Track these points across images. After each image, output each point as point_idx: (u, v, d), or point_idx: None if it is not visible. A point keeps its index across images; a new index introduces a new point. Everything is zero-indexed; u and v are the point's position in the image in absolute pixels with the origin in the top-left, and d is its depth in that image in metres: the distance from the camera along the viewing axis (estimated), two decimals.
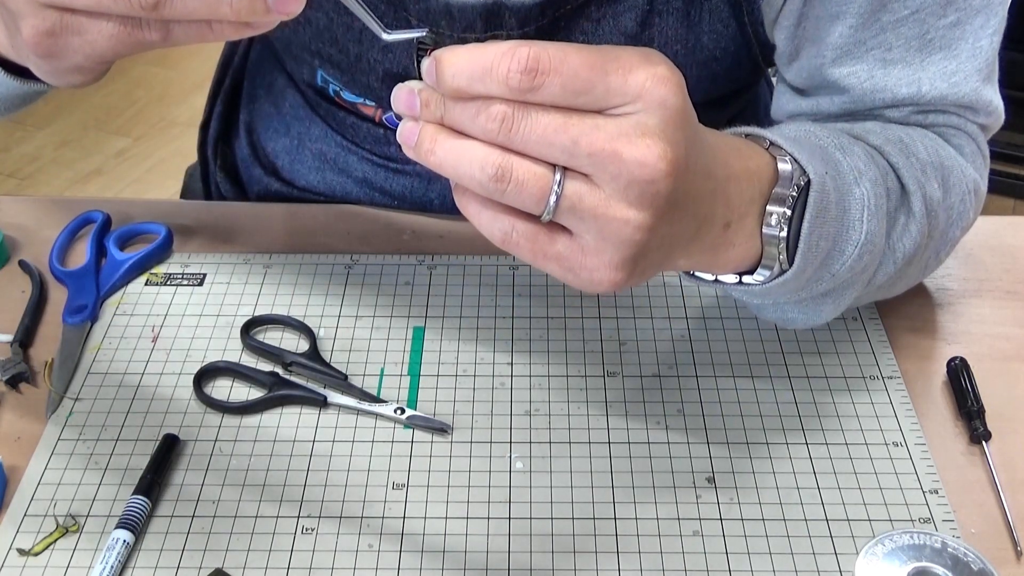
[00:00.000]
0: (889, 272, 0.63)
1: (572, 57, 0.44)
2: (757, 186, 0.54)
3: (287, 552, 0.57)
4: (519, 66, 0.43)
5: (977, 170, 0.69)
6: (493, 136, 0.45)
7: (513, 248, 0.48)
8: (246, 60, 0.95)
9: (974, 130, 0.70)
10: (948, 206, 0.65)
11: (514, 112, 0.44)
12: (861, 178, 0.59)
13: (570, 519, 0.59)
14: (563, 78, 0.44)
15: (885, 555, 0.51)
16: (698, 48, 0.72)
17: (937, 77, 0.66)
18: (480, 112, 0.45)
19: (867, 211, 0.58)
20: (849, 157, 0.59)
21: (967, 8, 0.65)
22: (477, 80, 0.44)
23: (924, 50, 0.66)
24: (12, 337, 0.70)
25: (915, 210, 0.62)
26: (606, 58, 0.45)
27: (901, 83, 0.66)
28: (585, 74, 0.44)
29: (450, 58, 0.45)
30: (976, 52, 0.66)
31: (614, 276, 0.48)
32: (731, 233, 0.53)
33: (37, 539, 0.58)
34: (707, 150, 0.50)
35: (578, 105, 0.45)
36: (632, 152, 0.44)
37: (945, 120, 0.68)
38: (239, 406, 0.66)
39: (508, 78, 0.44)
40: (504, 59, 0.44)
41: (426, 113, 0.47)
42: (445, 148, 0.46)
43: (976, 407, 0.65)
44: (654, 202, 0.46)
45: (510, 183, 0.45)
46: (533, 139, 0.44)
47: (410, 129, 0.47)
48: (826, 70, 0.67)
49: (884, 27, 0.65)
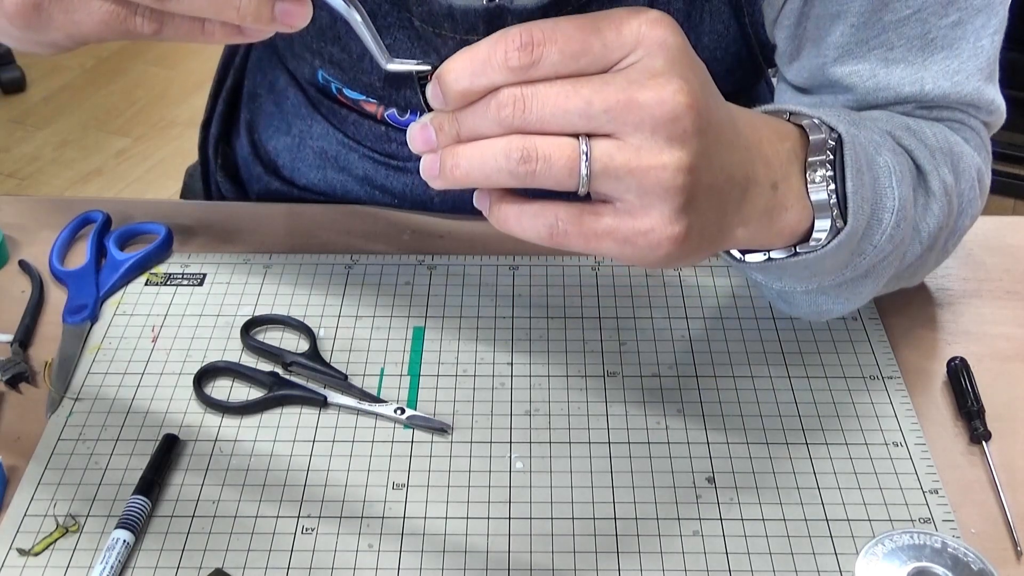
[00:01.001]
0: (916, 252, 0.63)
1: (563, 23, 0.45)
2: (790, 144, 0.54)
3: (287, 552, 0.57)
4: (514, 44, 0.44)
5: (982, 159, 0.69)
6: (508, 122, 0.45)
7: (562, 239, 0.47)
8: (247, 59, 0.95)
9: (977, 125, 0.70)
10: (959, 192, 0.66)
11: (522, 92, 0.44)
12: (880, 149, 0.59)
13: (570, 519, 0.59)
14: (559, 44, 0.44)
15: (885, 555, 0.51)
16: (699, 49, 0.71)
17: (940, 76, 0.66)
18: (489, 105, 0.45)
19: (895, 177, 0.58)
20: (864, 131, 0.59)
21: (968, 8, 0.65)
22: (479, 74, 0.45)
23: (926, 49, 0.66)
24: (12, 337, 0.70)
25: (934, 189, 0.62)
26: (596, 17, 0.45)
27: (904, 82, 0.66)
28: (579, 36, 0.44)
29: (448, 66, 0.46)
30: (978, 51, 0.66)
31: (672, 231, 0.47)
32: (781, 195, 0.53)
33: (37, 539, 0.58)
34: (725, 105, 0.50)
35: (581, 69, 0.45)
36: (647, 95, 0.44)
37: (949, 115, 0.69)
38: (239, 406, 0.66)
39: (507, 60, 0.44)
40: (498, 45, 0.44)
41: (442, 138, 0.47)
42: (466, 156, 0.46)
43: (976, 407, 0.65)
44: (684, 138, 0.45)
45: (538, 161, 0.45)
46: (547, 113, 0.45)
47: (431, 161, 0.47)
48: (828, 69, 0.67)
49: (886, 26, 0.65)
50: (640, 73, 0.45)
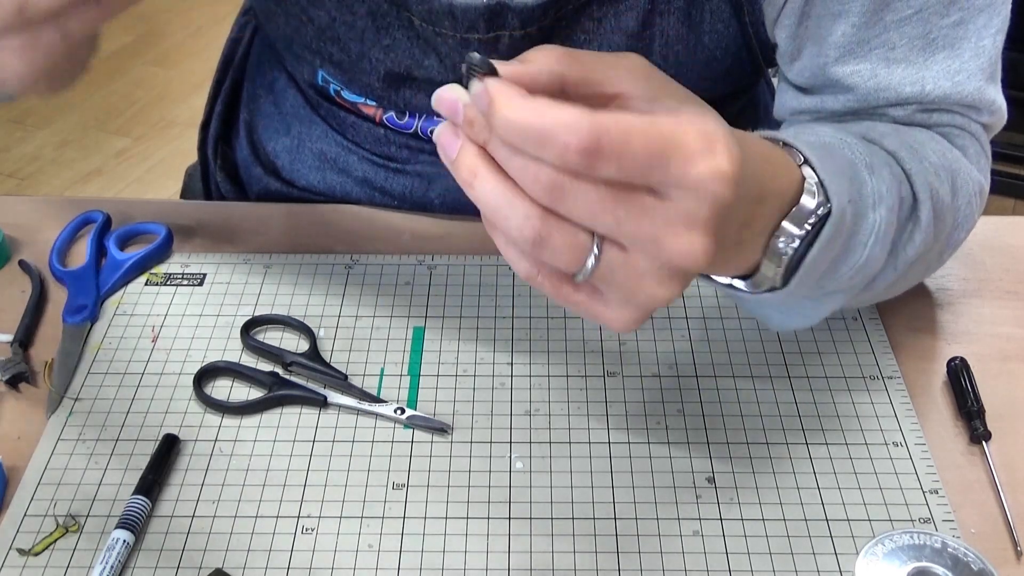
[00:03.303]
0: (888, 279, 0.63)
1: (635, 139, 0.41)
2: (778, 204, 0.53)
3: (287, 552, 0.57)
4: (578, 145, 0.40)
5: (981, 171, 0.69)
6: (537, 195, 0.43)
7: (536, 286, 0.47)
8: (246, 59, 0.95)
9: (977, 130, 0.70)
10: (956, 208, 0.65)
11: (563, 184, 0.42)
12: (879, 204, 0.57)
13: (570, 519, 0.59)
14: (620, 162, 0.41)
15: (885, 555, 0.51)
16: (699, 48, 0.72)
17: (941, 76, 0.66)
18: (528, 169, 0.42)
19: (874, 236, 0.57)
20: (875, 178, 0.58)
21: (970, 7, 0.64)
22: (530, 143, 0.42)
23: (927, 49, 0.66)
24: (12, 337, 0.70)
25: (922, 218, 0.62)
26: (667, 142, 0.42)
27: (905, 82, 0.66)
28: (644, 160, 0.42)
29: (504, 105, 0.42)
30: (979, 51, 0.66)
31: (630, 325, 0.47)
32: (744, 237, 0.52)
33: (37, 539, 0.58)
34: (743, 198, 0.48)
35: (630, 180, 0.42)
36: (676, 245, 0.43)
37: (949, 120, 0.68)
38: (239, 406, 0.66)
39: (564, 155, 0.41)
40: (563, 133, 0.41)
41: (469, 131, 0.44)
42: (486, 189, 0.44)
43: (976, 407, 0.65)
44: (684, 279, 0.46)
45: (546, 249, 0.44)
46: (577, 212, 0.43)
47: (449, 141, 0.45)
48: (829, 69, 0.67)
49: (887, 26, 0.65)
50: (680, 216, 0.43)
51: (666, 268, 0.44)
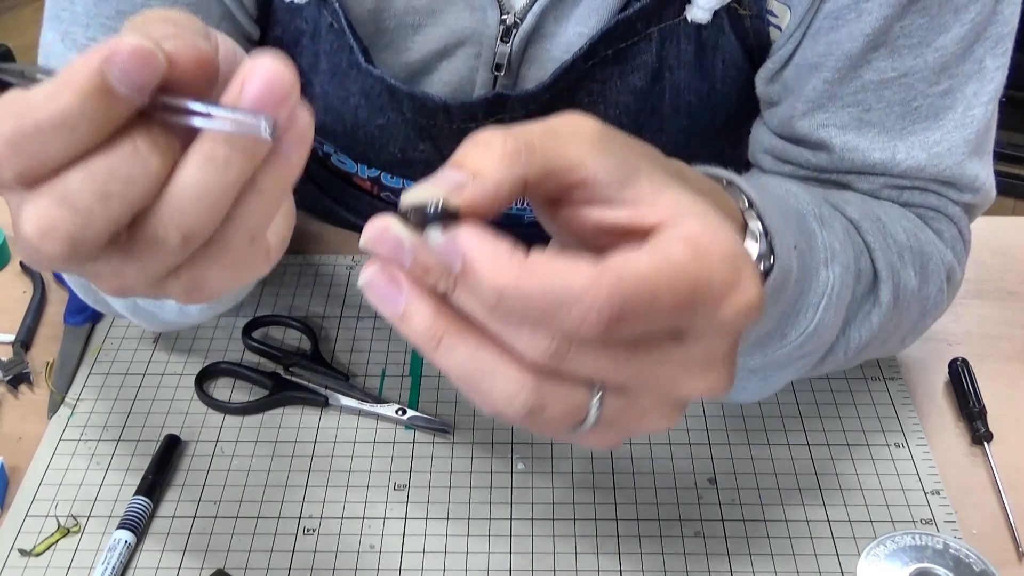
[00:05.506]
0: (838, 360, 0.58)
1: (663, 297, 0.33)
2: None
3: (289, 553, 0.57)
4: (599, 316, 0.32)
5: (956, 256, 0.63)
6: (531, 360, 0.34)
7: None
8: None
9: (956, 212, 0.64)
10: (924, 296, 0.60)
11: (568, 348, 0.34)
12: (832, 261, 0.52)
13: (571, 520, 0.59)
14: (647, 322, 0.33)
15: (887, 556, 0.51)
16: (711, 94, 0.68)
17: (916, 146, 0.61)
18: (522, 338, 0.33)
19: (826, 299, 0.52)
20: (827, 231, 0.53)
21: (959, 74, 0.60)
22: (532, 315, 0.32)
23: (907, 117, 0.61)
24: (13, 338, 0.70)
25: (882, 299, 0.57)
26: (695, 285, 0.34)
27: (874, 147, 0.61)
28: (671, 312, 0.34)
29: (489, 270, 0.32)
30: (966, 121, 0.61)
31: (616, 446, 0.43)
32: None
33: (39, 540, 0.58)
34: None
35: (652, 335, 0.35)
36: (693, 386, 0.37)
37: (923, 200, 0.63)
38: (240, 407, 0.66)
39: (581, 328, 0.32)
40: (577, 304, 0.32)
41: (422, 275, 0.34)
42: (457, 358, 0.35)
43: (978, 408, 0.65)
44: (686, 407, 0.41)
45: (541, 419, 0.35)
46: (583, 372, 0.35)
47: (389, 293, 0.35)
48: (795, 122, 0.63)
49: (865, 86, 0.60)
50: (700, 356, 0.36)
51: (670, 402, 0.38)
